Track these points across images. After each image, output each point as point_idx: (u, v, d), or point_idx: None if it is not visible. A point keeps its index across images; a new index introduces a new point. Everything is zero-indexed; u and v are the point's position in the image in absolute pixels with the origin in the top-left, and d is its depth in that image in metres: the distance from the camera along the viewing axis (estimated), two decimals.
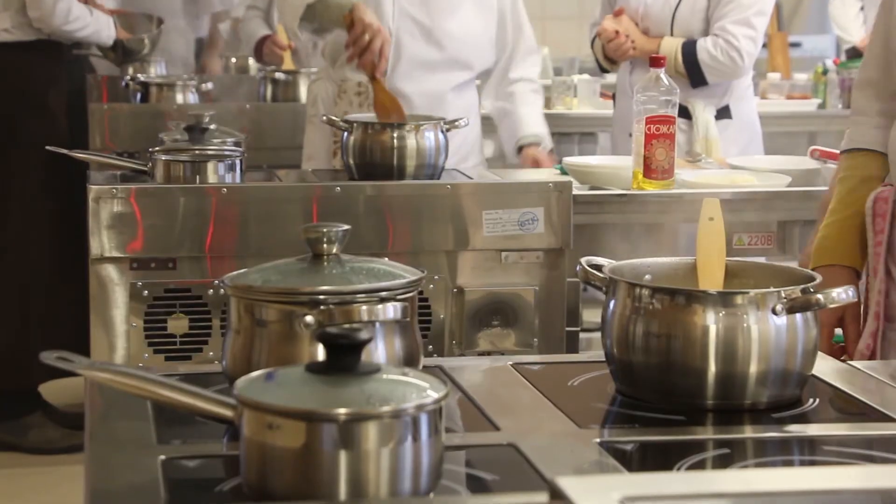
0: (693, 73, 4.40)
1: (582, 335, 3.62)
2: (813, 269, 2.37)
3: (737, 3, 4.38)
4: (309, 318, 1.67)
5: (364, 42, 3.65)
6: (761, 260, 2.92)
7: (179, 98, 5.27)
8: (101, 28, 4.88)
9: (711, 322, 1.74)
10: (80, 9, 4.70)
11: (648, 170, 3.53)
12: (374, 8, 3.83)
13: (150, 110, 5.13)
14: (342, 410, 1.35)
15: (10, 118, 4.59)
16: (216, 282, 3.08)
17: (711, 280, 1.89)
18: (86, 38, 4.89)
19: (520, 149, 4.11)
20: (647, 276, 1.89)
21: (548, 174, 3.74)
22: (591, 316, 3.99)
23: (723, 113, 4.50)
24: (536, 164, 4.04)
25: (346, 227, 1.75)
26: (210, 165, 3.25)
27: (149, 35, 5.43)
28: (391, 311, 1.67)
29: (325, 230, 1.73)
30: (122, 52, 5.33)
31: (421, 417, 1.37)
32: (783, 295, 1.75)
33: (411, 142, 3.31)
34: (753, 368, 1.74)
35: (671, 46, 4.41)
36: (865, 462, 1.60)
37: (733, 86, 4.52)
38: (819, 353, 1.83)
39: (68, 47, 4.85)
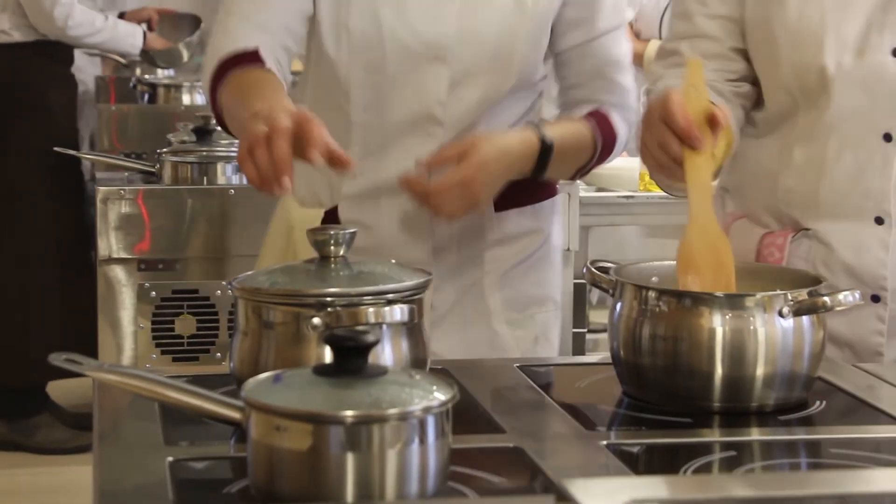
0: None
1: (589, 336, 3.62)
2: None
3: None
4: (316, 321, 1.67)
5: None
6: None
7: (187, 99, 5.26)
8: (119, 36, 4.77)
9: (718, 324, 1.74)
10: (86, 14, 4.61)
11: None
12: None
13: (158, 111, 5.13)
14: (349, 413, 1.35)
15: (12, 119, 4.57)
16: (223, 283, 3.08)
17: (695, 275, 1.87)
18: (99, 46, 4.80)
19: None
20: (654, 279, 1.89)
21: None
22: (599, 317, 4.00)
23: None
24: None
25: (353, 229, 1.75)
26: (218, 167, 3.26)
27: (184, 42, 5.25)
28: (398, 313, 1.68)
29: (332, 233, 1.74)
30: (154, 62, 5.18)
31: (428, 420, 1.37)
32: (790, 297, 1.75)
33: None
34: (760, 371, 1.74)
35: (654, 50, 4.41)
36: (872, 465, 1.60)
37: None
38: (825, 356, 1.84)
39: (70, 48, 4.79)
